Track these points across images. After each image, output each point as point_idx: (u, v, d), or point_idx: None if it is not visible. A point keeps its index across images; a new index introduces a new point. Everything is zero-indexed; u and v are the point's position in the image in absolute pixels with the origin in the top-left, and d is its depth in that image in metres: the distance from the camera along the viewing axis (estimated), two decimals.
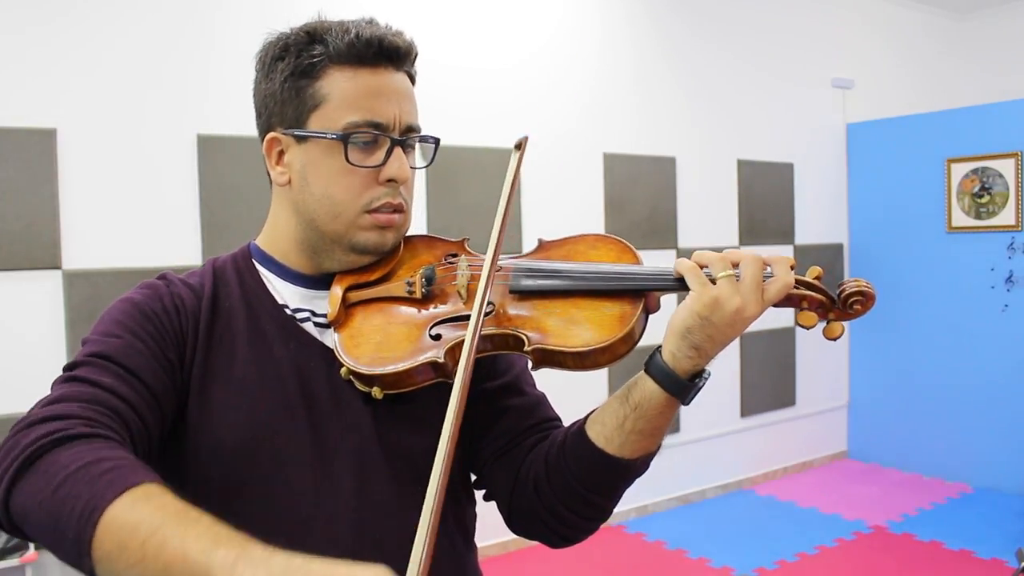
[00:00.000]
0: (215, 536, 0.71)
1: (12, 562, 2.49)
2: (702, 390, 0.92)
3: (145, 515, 0.72)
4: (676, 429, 4.45)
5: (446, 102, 3.63)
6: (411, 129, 1.00)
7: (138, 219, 3.00)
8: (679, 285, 0.92)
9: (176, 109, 3.07)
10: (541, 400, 1.11)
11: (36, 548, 2.59)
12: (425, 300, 0.99)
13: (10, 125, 2.77)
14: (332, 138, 0.95)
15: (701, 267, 0.90)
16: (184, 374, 0.95)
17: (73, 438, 0.78)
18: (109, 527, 0.71)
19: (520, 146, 0.99)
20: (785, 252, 5.03)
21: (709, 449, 4.64)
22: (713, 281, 0.88)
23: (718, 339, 0.88)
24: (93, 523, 0.71)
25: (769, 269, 0.90)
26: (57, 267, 2.86)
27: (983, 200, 4.71)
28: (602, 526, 1.04)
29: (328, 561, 0.70)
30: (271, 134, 1.00)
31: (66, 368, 0.90)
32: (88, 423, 0.81)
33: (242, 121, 3.10)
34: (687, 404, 0.92)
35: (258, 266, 1.05)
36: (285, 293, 1.03)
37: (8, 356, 2.79)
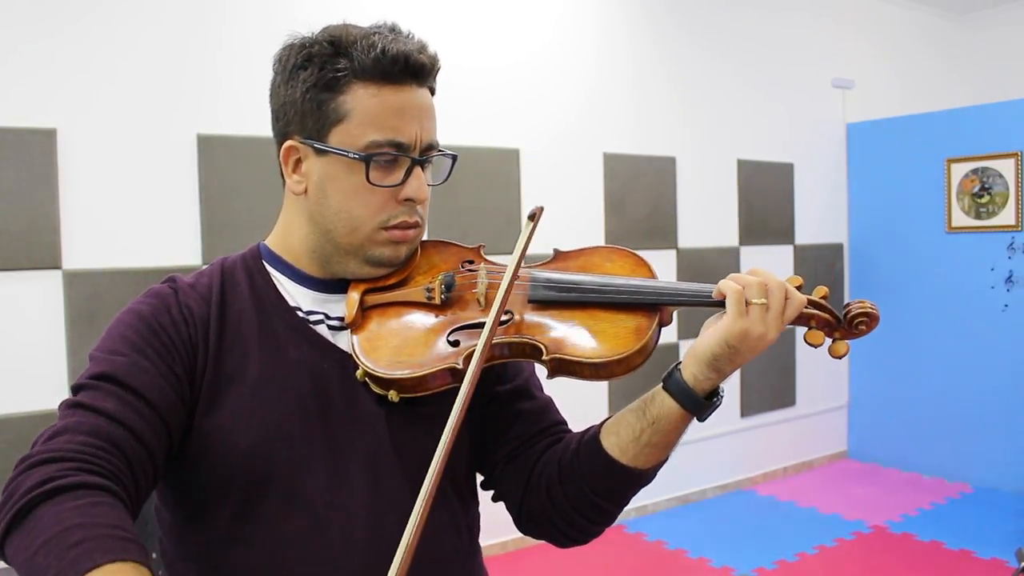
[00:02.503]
0: None
1: None
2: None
3: None
4: None
5: (445, 102, 3.62)
6: (431, 147, 1.00)
7: (138, 219, 3.00)
8: (700, 301, 0.95)
9: (176, 109, 3.06)
10: (549, 404, 1.14)
11: None
12: (444, 306, 1.01)
13: (10, 125, 2.77)
14: (354, 157, 0.95)
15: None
16: (196, 383, 0.95)
17: (64, 489, 0.79)
18: None
19: (534, 217, 0.99)
20: (785, 252, 5.03)
21: (709, 449, 4.64)
22: (747, 304, 0.90)
23: (738, 362, 0.92)
24: None
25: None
26: (57, 267, 2.85)
27: (983, 200, 4.71)
28: None
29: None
30: (289, 142, 0.99)
31: (73, 389, 0.91)
32: (84, 466, 0.81)
33: (242, 121, 3.11)
34: (703, 421, 0.96)
35: (268, 267, 1.05)
36: (297, 295, 1.03)
37: (8, 356, 2.79)
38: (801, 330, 0.98)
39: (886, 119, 5.24)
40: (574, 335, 0.96)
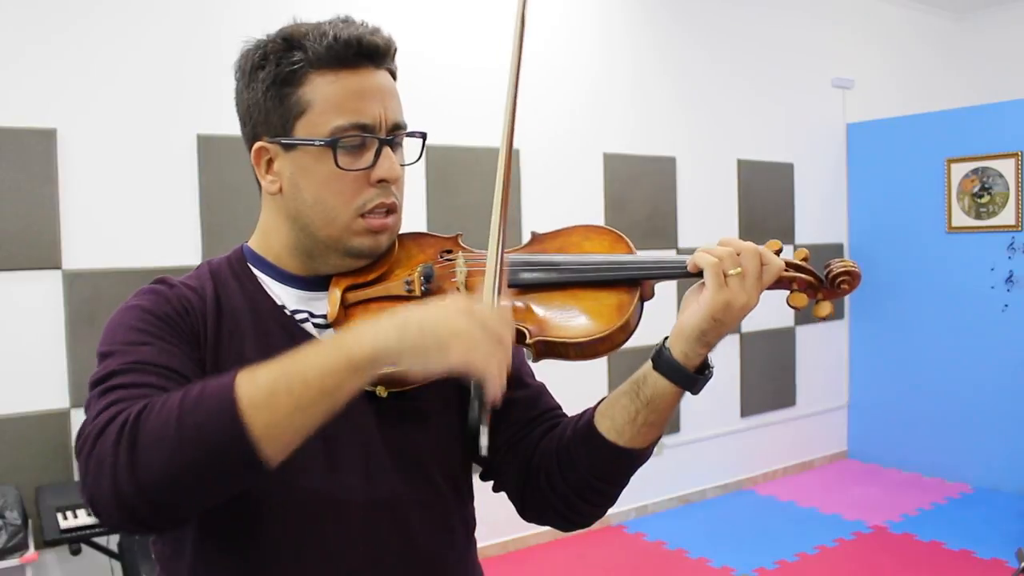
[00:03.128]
0: (328, 346, 0.81)
1: (12, 562, 2.49)
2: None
3: (267, 379, 0.79)
4: (676, 429, 4.45)
5: (445, 101, 3.63)
6: (398, 127, 1.00)
7: (138, 219, 3.00)
8: (676, 273, 0.96)
9: (176, 109, 3.07)
10: (542, 390, 1.14)
11: (36, 548, 2.59)
12: (424, 297, 1.00)
13: (10, 125, 2.77)
14: (320, 145, 0.95)
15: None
16: (202, 368, 0.95)
17: (143, 409, 0.79)
18: (252, 408, 0.77)
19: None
20: (785, 252, 5.00)
21: (709, 449, 4.64)
22: (724, 276, 0.91)
23: (724, 332, 0.92)
24: (239, 416, 0.76)
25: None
26: (57, 267, 2.86)
27: (983, 200, 4.71)
28: (602, 526, 1.08)
29: (415, 305, 0.82)
30: (258, 143, 1.00)
31: (97, 381, 0.88)
32: (139, 401, 0.81)
33: None
34: (697, 394, 0.96)
35: (253, 268, 1.05)
36: (282, 295, 1.04)
37: (8, 356, 2.79)
38: (791, 308, 0.97)
39: (886, 119, 5.24)
40: (556, 316, 0.96)
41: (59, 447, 2.84)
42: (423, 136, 1.05)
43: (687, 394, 0.96)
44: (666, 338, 0.96)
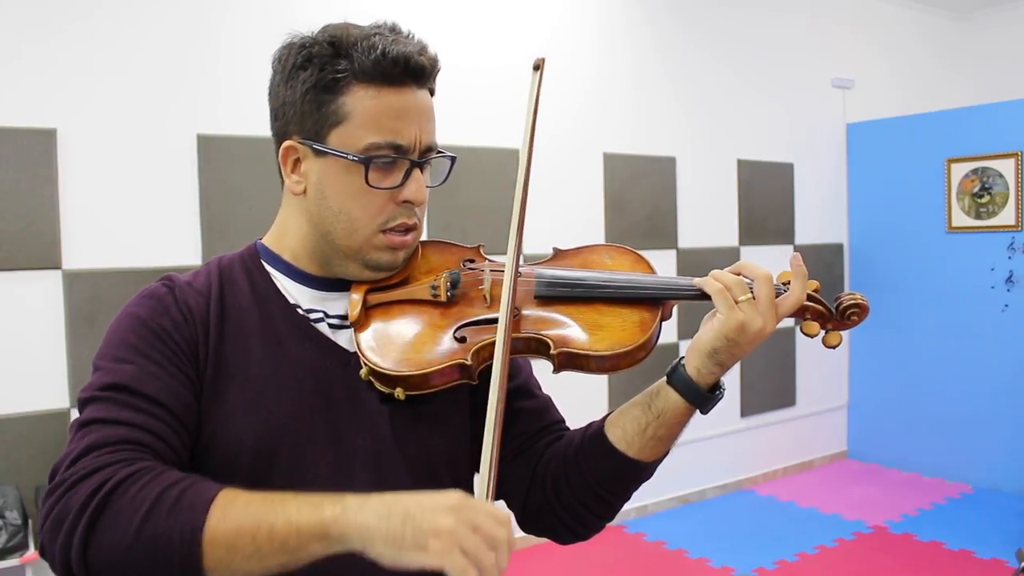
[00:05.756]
0: (310, 503, 0.79)
1: (12, 562, 2.49)
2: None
3: (240, 515, 0.79)
4: None
5: (445, 102, 3.62)
6: (429, 148, 1.00)
7: (138, 219, 3.00)
8: (697, 296, 0.98)
9: (176, 109, 3.07)
10: (549, 403, 1.16)
11: (36, 548, 2.59)
12: (449, 304, 1.01)
13: (10, 125, 2.77)
14: (353, 160, 0.95)
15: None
16: (200, 379, 0.95)
17: (123, 480, 0.80)
18: (213, 540, 0.78)
19: (539, 67, 1.00)
20: (785, 252, 5.02)
21: (709, 449, 4.64)
22: (735, 302, 0.93)
23: (739, 355, 0.94)
24: (197, 543, 0.77)
25: (781, 285, 0.96)
26: (57, 267, 2.85)
27: (983, 200, 4.71)
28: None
29: (411, 493, 0.79)
30: (288, 142, 0.99)
31: (81, 403, 0.91)
32: (126, 463, 0.83)
33: (242, 121, 3.11)
34: (706, 413, 0.99)
35: (267, 266, 1.05)
36: (296, 293, 1.03)
37: (8, 356, 2.79)
38: (803, 335, 1.01)
39: (886, 119, 5.24)
40: (580, 329, 0.98)
41: (59, 447, 2.84)
42: (452, 159, 1.06)
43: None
44: (683, 356, 0.98)
